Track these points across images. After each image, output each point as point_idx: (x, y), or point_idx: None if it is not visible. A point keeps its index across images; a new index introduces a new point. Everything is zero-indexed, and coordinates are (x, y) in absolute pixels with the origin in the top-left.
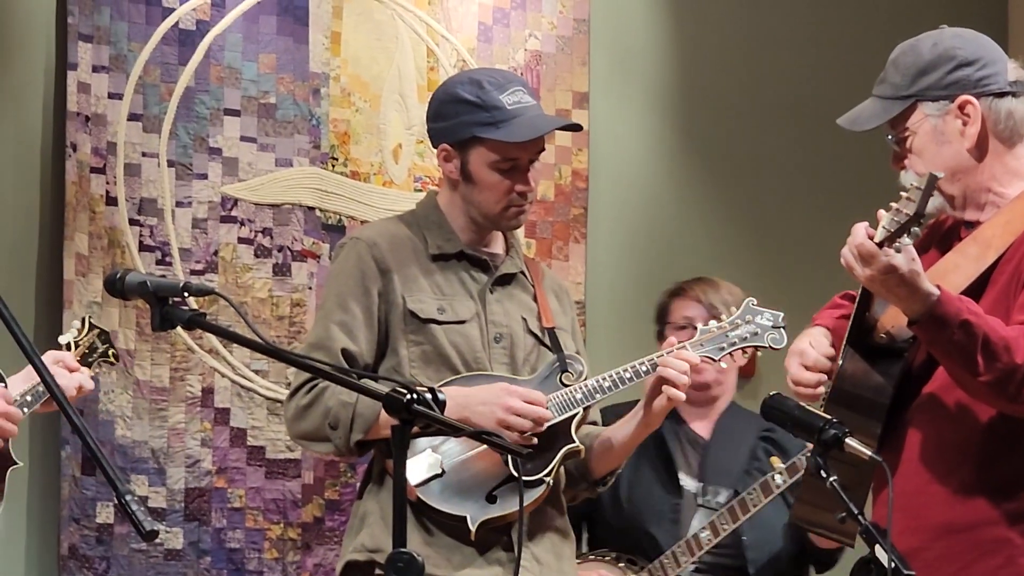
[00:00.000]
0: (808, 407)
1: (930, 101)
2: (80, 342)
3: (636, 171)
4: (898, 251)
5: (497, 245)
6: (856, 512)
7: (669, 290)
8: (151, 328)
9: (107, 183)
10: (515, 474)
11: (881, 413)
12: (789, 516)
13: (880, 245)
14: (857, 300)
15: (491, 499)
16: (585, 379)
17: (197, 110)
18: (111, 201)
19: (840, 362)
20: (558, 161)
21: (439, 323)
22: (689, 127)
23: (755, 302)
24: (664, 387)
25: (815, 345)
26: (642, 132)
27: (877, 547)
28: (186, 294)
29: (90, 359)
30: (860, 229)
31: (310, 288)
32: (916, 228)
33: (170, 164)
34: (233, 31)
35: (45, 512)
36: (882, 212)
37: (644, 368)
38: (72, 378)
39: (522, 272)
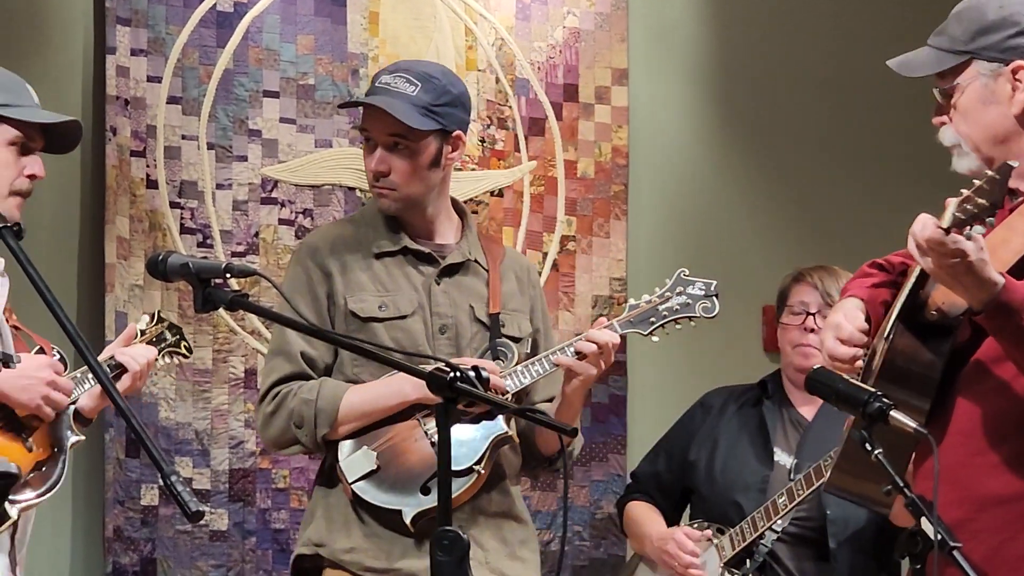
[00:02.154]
0: (853, 380)
1: (985, 61)
2: (147, 330)
3: (676, 147)
4: (968, 239)
5: (447, 235)
6: (902, 484)
7: (790, 274)
8: (194, 310)
9: (147, 166)
10: (558, 452)
11: (931, 389)
12: (823, 485)
13: (947, 232)
14: (913, 279)
15: (425, 491)
16: (516, 365)
17: (236, 92)
18: (152, 184)
19: (890, 337)
20: (598, 138)
21: (380, 320)
22: (729, 102)
23: (686, 272)
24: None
25: (849, 318)
26: (682, 108)
27: (923, 519)
28: (228, 275)
29: (159, 348)
30: (928, 221)
31: None
32: (990, 218)
33: (210, 147)
34: (271, 12)
35: (90, 495)
36: (950, 200)
37: (570, 351)
38: (146, 350)
39: (474, 260)
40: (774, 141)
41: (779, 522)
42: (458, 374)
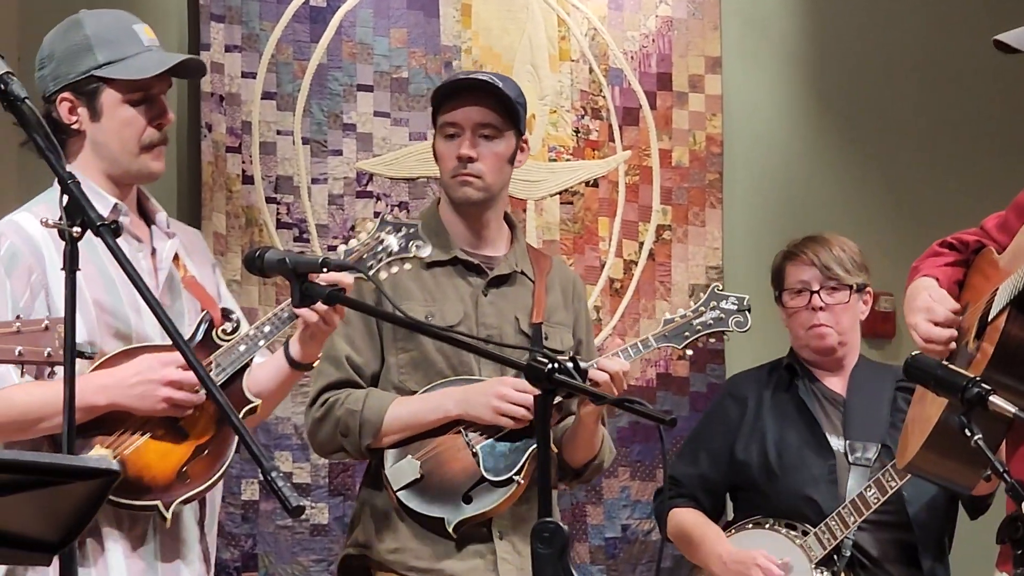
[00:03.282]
0: (950, 366)
1: None
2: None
3: (770, 135)
4: None
5: (497, 246)
6: (1002, 470)
7: (782, 252)
8: (291, 305)
9: (243, 162)
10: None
11: None
12: (902, 465)
13: None
14: None
15: (467, 499)
16: None
17: (330, 87)
18: (247, 180)
19: (1004, 324)
20: (692, 127)
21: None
22: (823, 89)
23: (720, 287)
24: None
25: (938, 299)
26: (776, 95)
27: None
28: (325, 270)
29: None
30: None
31: None
32: None
33: (305, 141)
34: (364, 7)
35: None
36: None
37: (592, 375)
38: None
39: (521, 271)
40: (868, 127)
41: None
42: (556, 365)
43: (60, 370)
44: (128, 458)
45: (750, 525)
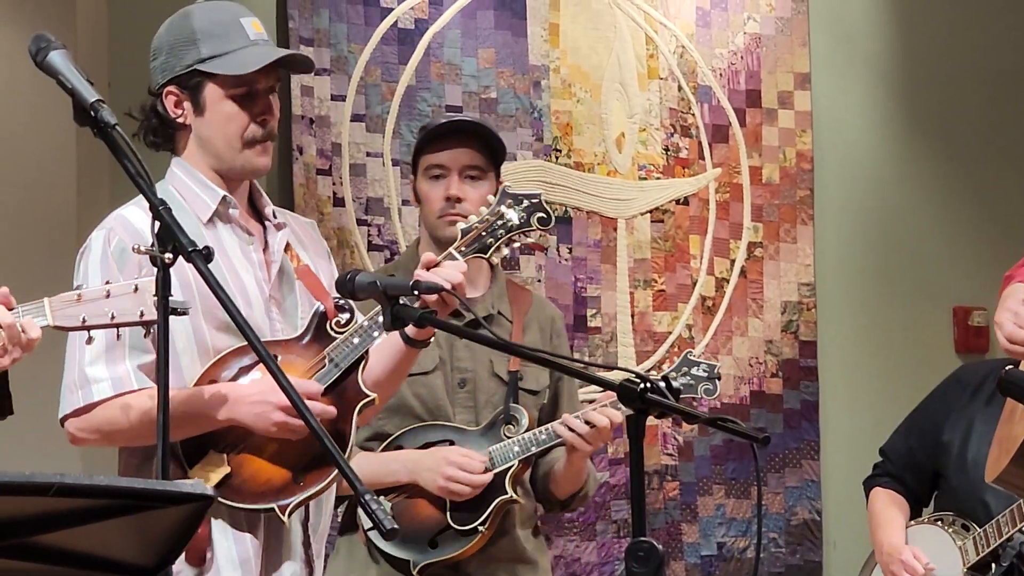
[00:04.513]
0: None
1: None
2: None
3: (861, 150)
4: None
5: (477, 285)
6: None
7: None
8: (383, 328)
9: (333, 184)
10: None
11: None
12: (990, 479)
13: None
14: None
15: (433, 544)
16: (526, 431)
17: (419, 108)
18: (338, 202)
19: None
20: (782, 143)
21: None
22: (913, 102)
23: (693, 353)
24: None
25: None
26: (866, 111)
27: None
28: (416, 292)
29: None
30: None
31: (539, 281)
32: None
33: (395, 163)
34: (452, 27)
35: None
36: None
37: (574, 424)
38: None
39: (498, 312)
40: (960, 141)
41: None
42: (648, 385)
43: (177, 361)
44: (243, 462)
45: (926, 521)
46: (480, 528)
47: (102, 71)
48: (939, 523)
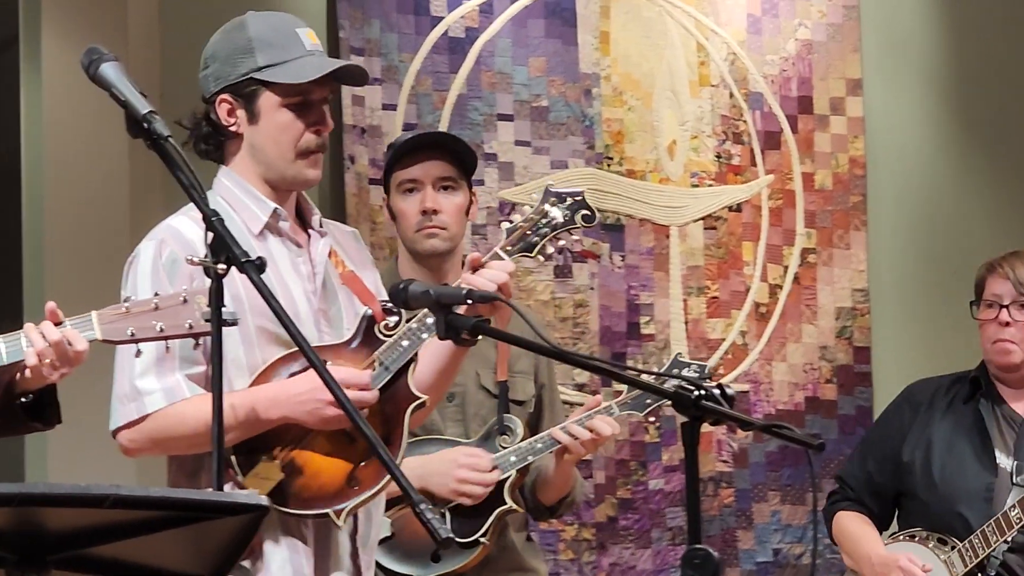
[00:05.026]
0: None
1: None
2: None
3: (914, 156)
4: None
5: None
6: None
7: (985, 264)
8: (437, 336)
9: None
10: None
11: None
12: None
13: None
14: None
15: (435, 559)
16: (521, 441)
17: (470, 117)
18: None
19: None
20: (834, 149)
21: None
22: (966, 107)
23: (682, 354)
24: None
25: None
26: (919, 116)
27: None
28: (469, 301)
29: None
30: None
31: (591, 288)
32: None
33: None
34: (502, 36)
35: None
36: None
37: (575, 430)
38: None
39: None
40: (1013, 145)
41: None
42: (703, 392)
43: (226, 372)
44: (296, 468)
45: (902, 537)
46: (482, 540)
47: (154, 83)
48: (915, 539)
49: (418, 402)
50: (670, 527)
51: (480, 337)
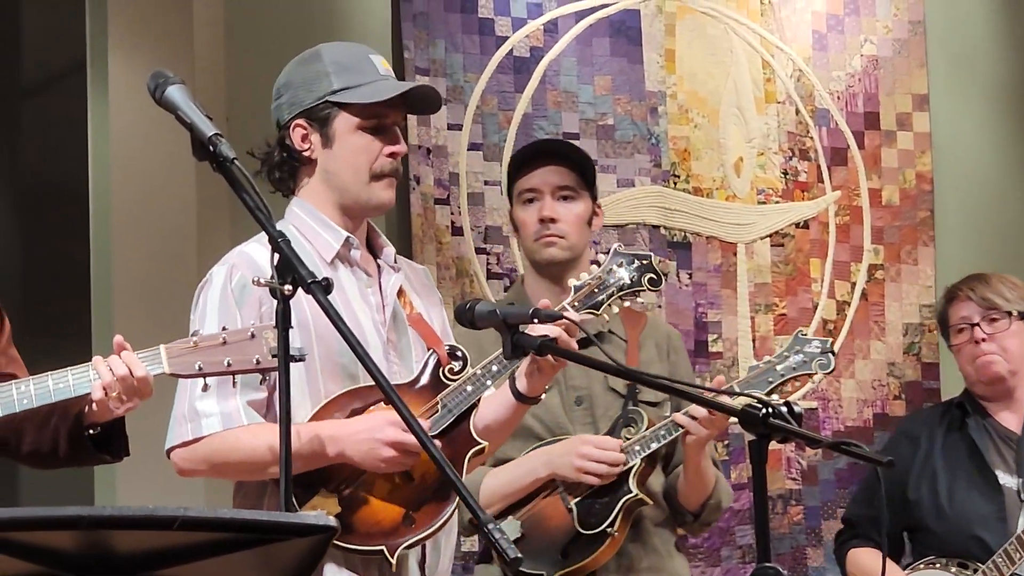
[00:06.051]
0: None
1: None
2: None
3: (982, 171)
4: None
5: None
6: None
7: (942, 297)
8: (503, 356)
9: (451, 213)
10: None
11: None
12: None
13: None
14: None
15: (564, 554)
16: (647, 430)
17: (536, 135)
18: (456, 231)
19: None
20: (901, 165)
21: None
22: None
23: (804, 332)
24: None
25: None
26: (986, 131)
27: None
28: (535, 321)
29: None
30: None
31: (659, 306)
32: None
33: None
34: (567, 55)
35: None
36: None
37: (694, 410)
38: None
39: (610, 330)
40: None
41: None
42: (770, 410)
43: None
44: (353, 502)
45: (922, 566)
46: (609, 530)
47: (219, 107)
48: (936, 566)
49: (479, 447)
50: (740, 545)
51: (554, 356)
